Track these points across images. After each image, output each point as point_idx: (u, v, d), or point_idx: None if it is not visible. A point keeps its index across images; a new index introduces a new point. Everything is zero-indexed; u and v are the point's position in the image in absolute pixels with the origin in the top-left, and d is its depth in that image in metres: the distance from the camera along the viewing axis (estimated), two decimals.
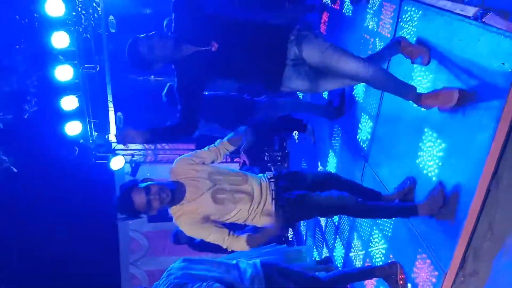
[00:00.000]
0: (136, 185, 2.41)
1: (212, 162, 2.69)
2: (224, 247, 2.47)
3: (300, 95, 5.27)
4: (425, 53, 2.55)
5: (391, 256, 2.99)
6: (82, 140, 6.39)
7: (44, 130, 6.28)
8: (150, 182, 2.44)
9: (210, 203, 2.49)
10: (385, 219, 3.03)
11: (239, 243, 2.45)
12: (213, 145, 2.73)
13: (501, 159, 2.03)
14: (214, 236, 2.46)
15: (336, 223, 4.21)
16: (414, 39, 2.71)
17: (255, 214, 2.59)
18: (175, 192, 2.44)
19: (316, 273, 4.21)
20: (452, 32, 2.35)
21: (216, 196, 2.50)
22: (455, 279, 2.28)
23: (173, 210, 2.51)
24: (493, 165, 2.06)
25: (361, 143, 3.60)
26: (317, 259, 4.69)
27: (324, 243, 4.57)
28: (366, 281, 3.29)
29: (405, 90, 2.49)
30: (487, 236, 2.12)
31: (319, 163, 4.81)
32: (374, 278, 3.09)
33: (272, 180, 2.68)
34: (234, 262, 2.92)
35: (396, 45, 2.68)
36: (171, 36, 2.56)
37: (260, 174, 2.76)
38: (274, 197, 2.60)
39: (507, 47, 1.94)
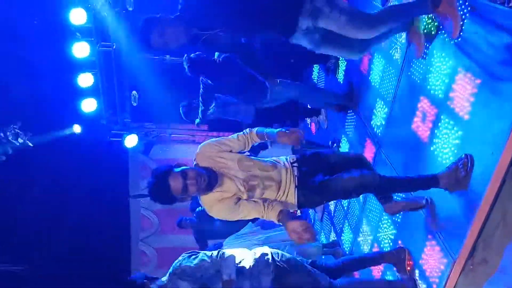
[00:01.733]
0: (172, 170, 2.36)
1: (239, 152, 2.59)
2: (261, 218, 2.49)
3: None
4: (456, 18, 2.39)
5: (399, 242, 2.99)
6: (104, 122, 6.44)
7: (60, 106, 6.34)
8: (185, 167, 2.38)
9: (242, 190, 2.46)
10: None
11: (274, 214, 2.42)
12: (242, 133, 2.60)
13: None
14: (254, 213, 2.47)
15: (345, 208, 4.21)
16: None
17: (279, 200, 2.54)
18: (211, 177, 2.39)
19: (323, 257, 4.25)
20: (476, 16, 2.29)
21: (248, 183, 2.46)
22: (464, 267, 2.28)
23: (205, 200, 2.47)
24: (510, 155, 2.03)
25: (375, 129, 3.57)
26: (324, 242, 4.71)
27: (332, 227, 4.57)
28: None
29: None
30: (499, 226, 2.10)
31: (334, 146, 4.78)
32: (382, 264, 3.10)
33: (295, 165, 2.57)
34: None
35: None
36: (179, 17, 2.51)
37: (283, 157, 2.66)
38: (297, 184, 2.51)
39: None
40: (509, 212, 2.08)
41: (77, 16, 5.51)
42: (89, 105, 6.08)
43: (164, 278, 2.58)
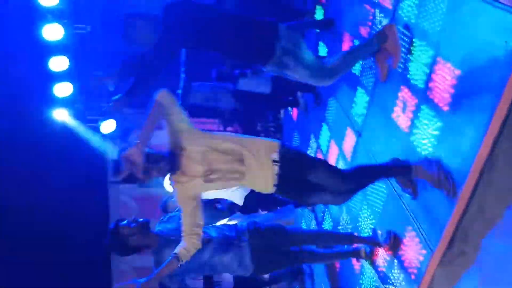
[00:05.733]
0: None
1: None
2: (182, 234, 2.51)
3: None
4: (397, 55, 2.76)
5: (379, 232, 2.99)
6: (79, 106, 6.25)
7: (33, 90, 6.13)
8: (149, 150, 2.39)
9: (201, 184, 2.46)
10: (377, 193, 3.02)
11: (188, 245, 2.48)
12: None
13: (497, 141, 1.99)
14: (185, 220, 2.49)
15: None
16: (415, 12, 2.62)
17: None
18: (173, 163, 2.41)
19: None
20: (456, 6, 2.25)
21: (208, 177, 2.45)
22: (442, 259, 2.28)
23: (172, 177, 2.50)
24: (489, 147, 2.01)
25: (355, 118, 3.55)
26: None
27: (313, 215, 4.57)
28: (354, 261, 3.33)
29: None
30: (477, 218, 2.11)
31: (312, 136, 4.76)
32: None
33: (277, 163, 2.48)
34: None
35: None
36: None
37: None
38: (276, 183, 2.49)
39: None
40: (487, 204, 2.08)
41: None
42: (63, 90, 5.88)
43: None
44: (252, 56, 2.87)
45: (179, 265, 2.45)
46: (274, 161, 2.46)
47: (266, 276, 4.45)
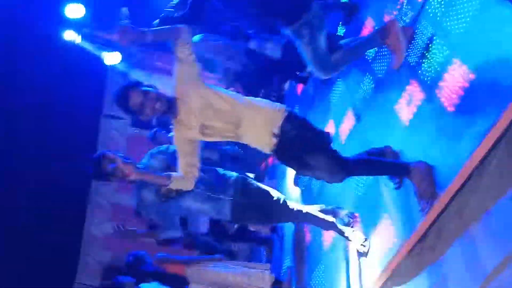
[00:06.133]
0: (138, 85, 2.45)
1: None
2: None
3: None
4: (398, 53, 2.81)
5: (356, 214, 3.07)
6: (87, 30, 6.15)
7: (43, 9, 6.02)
8: (151, 89, 2.44)
9: (197, 134, 2.51)
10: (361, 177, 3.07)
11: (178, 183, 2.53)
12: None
13: (491, 150, 2.03)
14: (181, 159, 2.53)
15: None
16: (442, 9, 2.61)
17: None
18: (171, 106, 2.45)
19: None
20: (485, 10, 2.25)
21: (204, 131, 2.50)
22: (412, 250, 2.36)
23: (172, 120, 2.55)
24: (482, 154, 2.05)
25: (358, 102, 3.57)
26: None
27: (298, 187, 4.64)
28: (324, 232, 3.40)
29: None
30: (454, 218, 2.17)
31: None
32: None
33: (277, 137, 2.47)
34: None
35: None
36: None
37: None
38: (273, 150, 2.52)
39: None
40: (467, 207, 2.14)
41: None
42: (75, 11, 5.77)
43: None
44: (281, 12, 2.88)
45: (166, 185, 2.49)
46: (274, 134, 2.45)
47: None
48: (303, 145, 2.49)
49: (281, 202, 3.11)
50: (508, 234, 1.85)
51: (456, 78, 2.34)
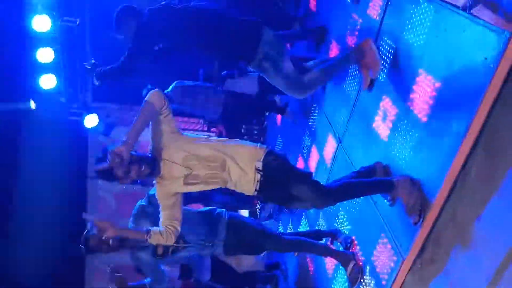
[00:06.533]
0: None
1: None
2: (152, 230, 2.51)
3: None
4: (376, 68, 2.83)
5: (353, 237, 3.04)
6: (63, 99, 6.19)
7: (18, 80, 6.05)
8: (133, 152, 2.39)
9: (181, 186, 2.49)
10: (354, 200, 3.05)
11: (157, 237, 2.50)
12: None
13: (472, 152, 2.05)
14: (164, 213, 2.51)
15: None
16: (401, 24, 2.68)
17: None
18: (153, 167, 2.42)
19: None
20: (439, 20, 2.32)
21: (188, 181, 2.48)
22: (413, 266, 2.33)
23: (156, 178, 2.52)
24: (463, 158, 2.07)
25: (337, 125, 3.60)
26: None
27: (290, 219, 4.61)
28: (326, 259, 3.36)
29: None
30: (449, 226, 2.16)
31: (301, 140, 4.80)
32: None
33: (261, 172, 2.47)
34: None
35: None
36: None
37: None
38: (258, 189, 2.50)
39: (492, 41, 1.92)
40: (458, 213, 2.13)
41: None
42: (48, 82, 5.82)
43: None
44: (235, 55, 2.94)
45: (145, 240, 2.48)
46: (257, 169, 2.45)
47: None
48: (285, 176, 2.50)
49: (267, 232, 3.16)
50: (504, 232, 1.85)
51: (424, 88, 2.38)
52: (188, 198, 3.32)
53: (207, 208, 3.34)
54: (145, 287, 3.56)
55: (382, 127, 2.80)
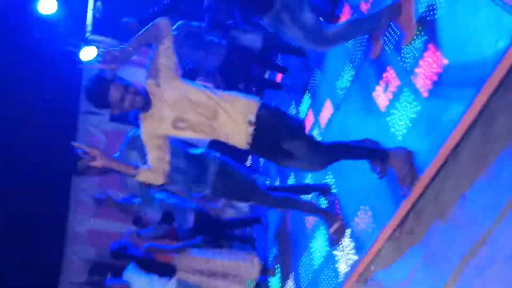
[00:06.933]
0: (118, 79, 2.36)
1: None
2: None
3: None
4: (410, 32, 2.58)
5: (336, 201, 3.11)
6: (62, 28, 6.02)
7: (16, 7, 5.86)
8: (130, 82, 2.38)
9: (168, 128, 2.46)
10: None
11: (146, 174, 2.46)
12: None
13: (468, 133, 2.08)
14: (151, 155, 2.47)
15: None
16: None
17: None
18: (148, 101, 2.40)
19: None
20: None
21: (176, 125, 2.45)
22: (392, 234, 2.42)
23: (141, 115, 2.48)
24: (458, 137, 2.11)
25: (337, 90, 3.59)
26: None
27: (278, 177, 4.68)
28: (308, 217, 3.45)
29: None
30: (432, 202, 2.23)
31: (293, 102, 4.80)
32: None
33: (252, 125, 2.46)
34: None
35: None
36: None
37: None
38: (250, 142, 2.48)
39: (507, 24, 1.90)
40: (444, 191, 2.19)
41: None
42: (47, 7, 5.63)
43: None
44: (251, 3, 2.83)
45: (132, 176, 2.45)
46: (249, 122, 2.45)
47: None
48: (279, 131, 2.48)
49: (256, 186, 3.13)
50: (484, 213, 1.91)
51: (430, 64, 2.37)
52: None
53: (201, 150, 3.30)
54: (133, 208, 3.60)
55: (381, 98, 2.81)
